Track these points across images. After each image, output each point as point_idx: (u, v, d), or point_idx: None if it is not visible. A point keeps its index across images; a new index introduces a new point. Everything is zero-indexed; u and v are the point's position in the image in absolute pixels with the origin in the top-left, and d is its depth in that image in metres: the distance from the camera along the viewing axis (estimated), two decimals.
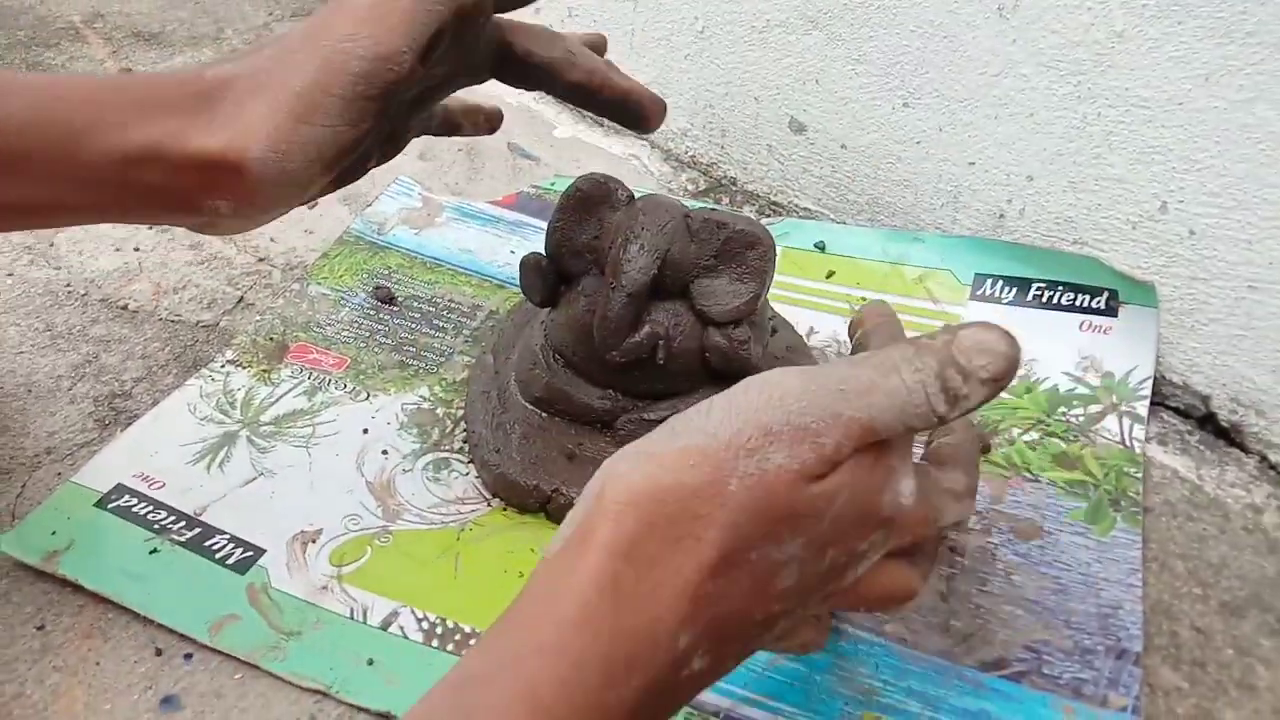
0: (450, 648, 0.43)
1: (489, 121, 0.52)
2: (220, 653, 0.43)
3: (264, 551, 0.47)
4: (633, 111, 0.46)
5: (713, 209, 0.49)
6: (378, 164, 0.44)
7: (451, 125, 0.50)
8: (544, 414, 0.51)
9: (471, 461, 0.52)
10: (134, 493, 0.49)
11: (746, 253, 0.47)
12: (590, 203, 0.49)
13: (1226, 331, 0.53)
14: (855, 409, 0.30)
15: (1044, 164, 0.56)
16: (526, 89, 0.46)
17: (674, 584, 0.28)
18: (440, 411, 0.55)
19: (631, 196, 0.50)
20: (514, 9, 0.43)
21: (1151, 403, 0.54)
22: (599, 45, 0.49)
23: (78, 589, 0.45)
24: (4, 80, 0.35)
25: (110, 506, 0.48)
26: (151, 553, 0.46)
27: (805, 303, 0.62)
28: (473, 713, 0.27)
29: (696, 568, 0.28)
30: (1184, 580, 0.47)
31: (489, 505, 0.50)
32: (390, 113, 0.37)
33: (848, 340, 0.59)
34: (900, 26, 0.59)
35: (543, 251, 0.50)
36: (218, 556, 0.46)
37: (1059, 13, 0.52)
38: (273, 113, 0.35)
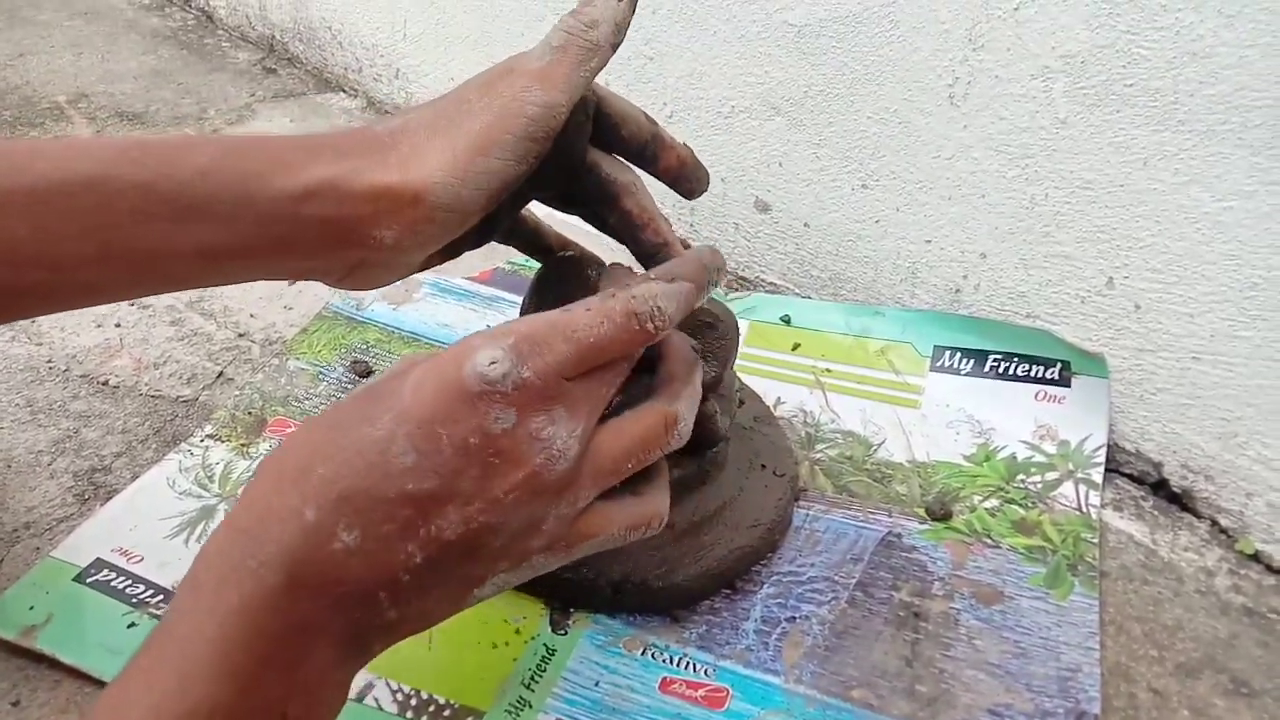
0: (425, 718, 0.44)
1: None
2: None
3: None
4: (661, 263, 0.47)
5: None
6: (470, 248, 0.47)
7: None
8: None
9: None
10: (113, 567, 0.49)
11: (709, 332, 0.49)
12: (560, 282, 0.51)
13: (1174, 400, 0.55)
14: None
15: (996, 242, 0.59)
16: (574, 210, 0.48)
17: (282, 475, 0.32)
18: None
19: (600, 276, 0.51)
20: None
21: (1106, 470, 0.56)
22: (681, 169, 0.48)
23: (54, 664, 0.45)
24: (192, 139, 0.38)
25: (89, 581, 0.48)
26: (130, 626, 0.47)
27: (772, 374, 0.63)
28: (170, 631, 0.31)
29: (295, 459, 0.32)
30: (1140, 643, 0.49)
31: None
32: (531, 172, 0.41)
33: (814, 411, 0.61)
34: (858, 113, 0.62)
35: None
36: None
37: (1006, 101, 0.55)
38: (452, 147, 0.39)
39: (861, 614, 0.49)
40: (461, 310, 0.68)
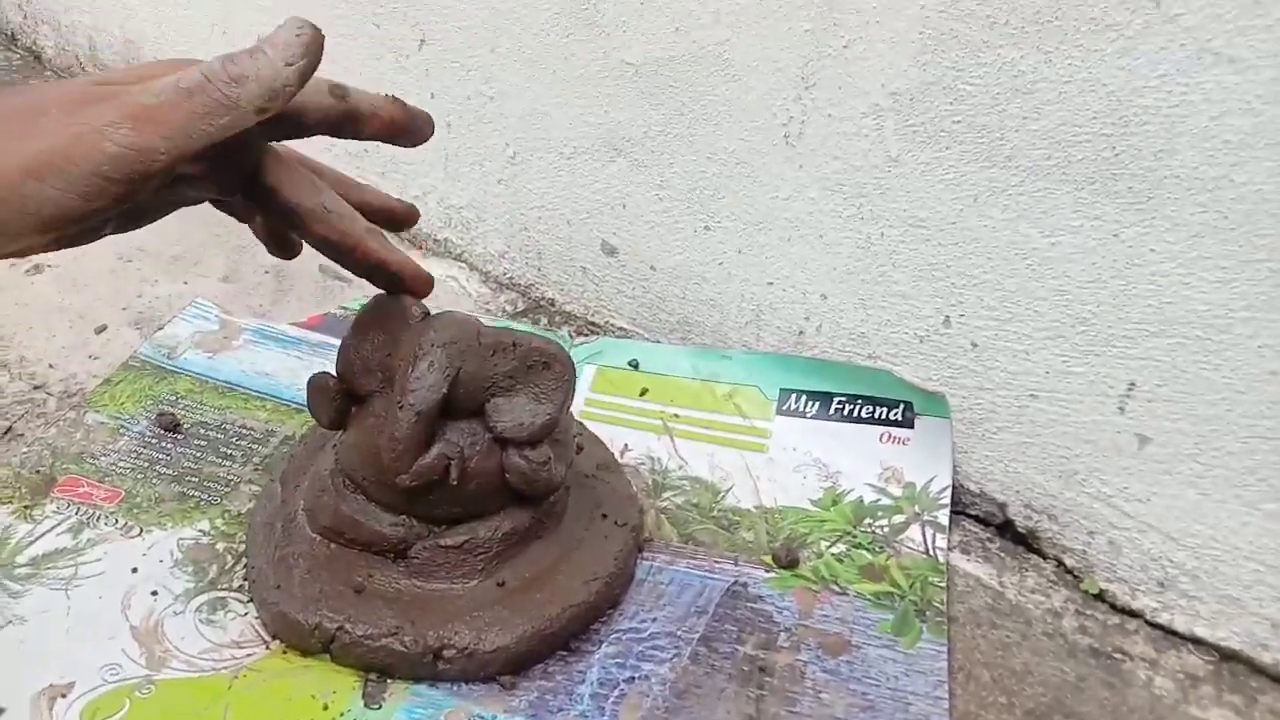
0: None
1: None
2: None
3: (2, 711, 0.41)
4: (389, 280, 0.45)
5: (507, 328, 0.48)
6: (114, 232, 0.40)
7: (280, 239, 0.46)
8: (332, 545, 0.48)
9: (251, 600, 0.48)
10: None
11: (544, 371, 0.47)
12: (383, 320, 0.47)
13: (1015, 439, 0.54)
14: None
15: (835, 283, 0.58)
16: (275, 220, 0.43)
17: None
18: (220, 547, 0.51)
19: (427, 314, 0.48)
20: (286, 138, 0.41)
21: (952, 512, 0.55)
22: (397, 216, 0.47)
23: None
24: None
25: None
26: None
27: (619, 420, 0.61)
28: None
29: None
30: (989, 689, 0.47)
31: (268, 648, 0.46)
32: (135, 198, 0.35)
33: (661, 458, 0.58)
34: (697, 153, 0.61)
35: (333, 372, 0.48)
36: None
37: (840, 139, 0.55)
38: (6, 161, 0.33)
39: (704, 671, 0.46)
40: (285, 358, 0.64)
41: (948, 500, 0.55)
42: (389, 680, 0.45)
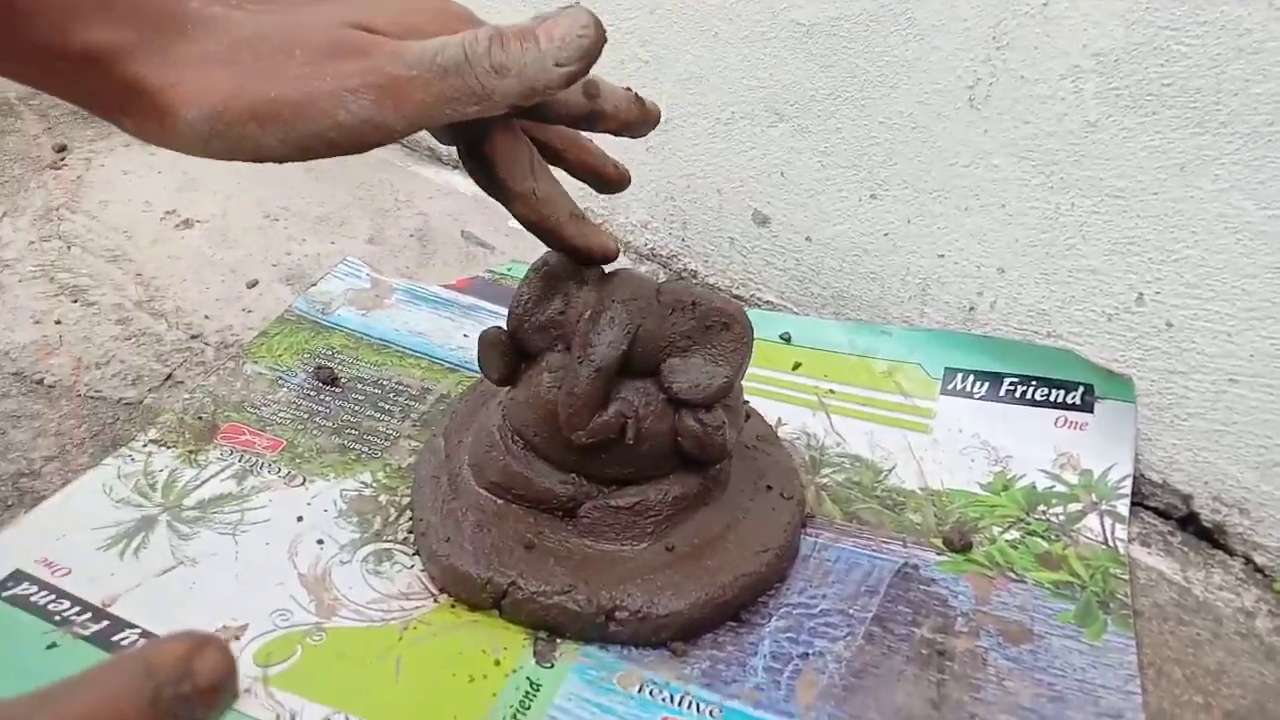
0: None
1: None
2: None
3: None
4: (582, 260, 0.45)
5: (686, 286, 0.46)
6: None
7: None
8: (500, 500, 0.47)
9: (417, 553, 0.47)
10: (35, 580, 0.43)
11: (722, 333, 0.45)
12: (558, 277, 0.46)
13: (1207, 427, 0.51)
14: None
15: (1016, 256, 0.55)
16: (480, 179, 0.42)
17: None
18: (383, 499, 0.50)
19: (602, 273, 0.47)
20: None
21: (1130, 502, 0.52)
22: (608, 180, 0.46)
23: None
24: None
25: (6, 595, 0.42)
26: (49, 647, 0.40)
27: (772, 394, 0.59)
28: None
29: None
30: (1183, 688, 0.44)
31: (435, 601, 0.45)
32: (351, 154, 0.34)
33: (818, 434, 0.56)
34: (869, 118, 0.58)
35: (503, 327, 0.47)
36: None
37: (1031, 103, 0.52)
38: (232, 94, 0.31)
39: (880, 651, 0.44)
40: (437, 318, 0.63)
41: (1128, 489, 0.52)
42: (558, 640, 0.44)
